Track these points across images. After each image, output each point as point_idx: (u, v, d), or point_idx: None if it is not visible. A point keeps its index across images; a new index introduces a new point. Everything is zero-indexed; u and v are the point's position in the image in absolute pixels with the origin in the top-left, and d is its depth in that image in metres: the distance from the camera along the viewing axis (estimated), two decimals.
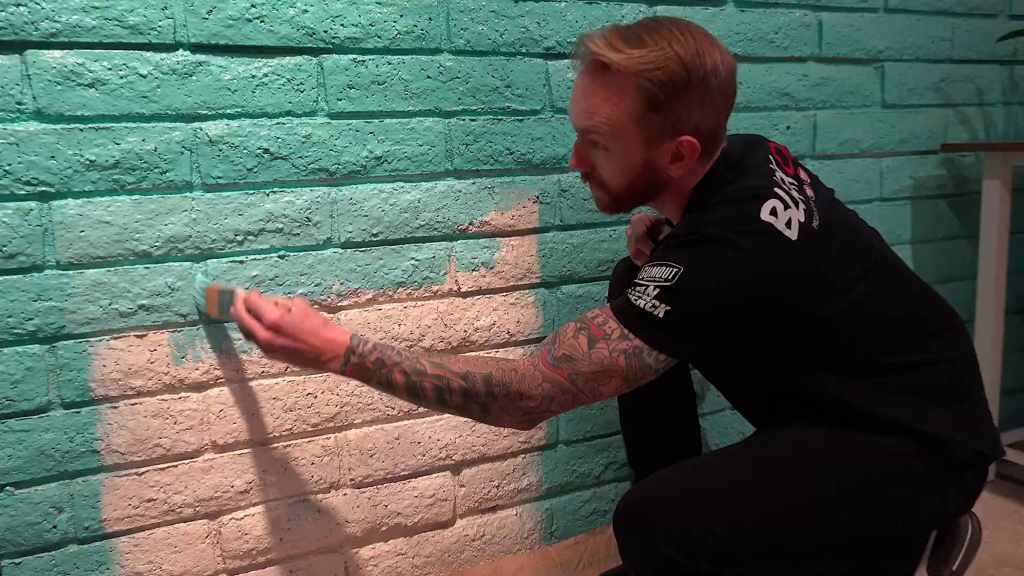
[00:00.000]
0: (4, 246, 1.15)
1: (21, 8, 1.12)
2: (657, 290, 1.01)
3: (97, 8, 1.16)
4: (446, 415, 1.46)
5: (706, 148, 1.08)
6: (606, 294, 1.55)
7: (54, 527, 1.22)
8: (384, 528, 1.44)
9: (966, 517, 1.23)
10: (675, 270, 1.00)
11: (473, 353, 1.05)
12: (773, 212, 1.03)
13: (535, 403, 1.04)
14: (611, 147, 1.09)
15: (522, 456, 1.55)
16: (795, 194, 1.08)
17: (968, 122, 1.94)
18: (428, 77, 1.38)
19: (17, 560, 1.21)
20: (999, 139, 1.98)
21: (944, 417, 1.11)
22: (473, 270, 1.46)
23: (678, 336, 1.03)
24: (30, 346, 1.18)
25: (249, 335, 1.12)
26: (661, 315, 1.00)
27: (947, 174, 1.93)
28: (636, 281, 1.04)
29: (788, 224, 1.03)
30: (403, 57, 1.36)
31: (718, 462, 1.14)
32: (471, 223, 1.44)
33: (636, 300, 1.02)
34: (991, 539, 1.59)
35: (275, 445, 1.35)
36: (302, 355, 1.10)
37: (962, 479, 1.14)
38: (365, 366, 1.08)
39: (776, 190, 1.05)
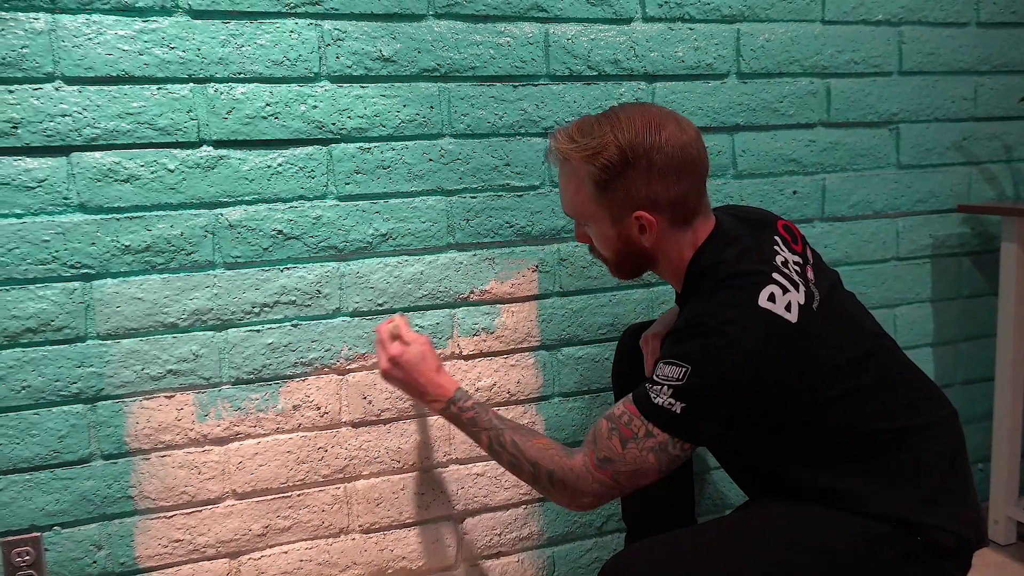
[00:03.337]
0: (52, 320, 1.33)
1: (67, 118, 1.30)
2: (671, 390, 1.09)
3: (131, 114, 1.33)
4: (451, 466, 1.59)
5: (675, 218, 1.18)
6: (606, 356, 1.64)
7: (94, 562, 1.40)
8: (390, 571, 1.57)
9: None
10: (683, 369, 1.08)
11: (545, 439, 1.21)
12: (771, 298, 1.09)
13: (588, 499, 1.16)
14: (589, 225, 1.24)
15: (524, 507, 1.65)
16: (796, 277, 1.14)
17: (995, 179, 1.92)
18: (430, 160, 1.50)
19: None
20: None
21: (929, 507, 1.14)
22: (474, 335, 1.57)
23: (696, 427, 1.10)
24: (74, 406, 1.37)
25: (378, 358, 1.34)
26: (678, 411, 1.08)
27: (970, 231, 1.92)
28: (654, 377, 1.12)
29: (788, 307, 1.10)
30: (406, 143, 1.48)
31: (697, 539, 1.19)
32: (472, 292, 1.56)
33: (655, 399, 1.10)
34: None
35: (289, 494, 1.50)
36: (410, 389, 1.31)
37: (942, 568, 1.15)
38: (460, 419, 1.27)
39: (775, 275, 1.12)
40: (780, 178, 1.74)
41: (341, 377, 1.50)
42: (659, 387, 1.10)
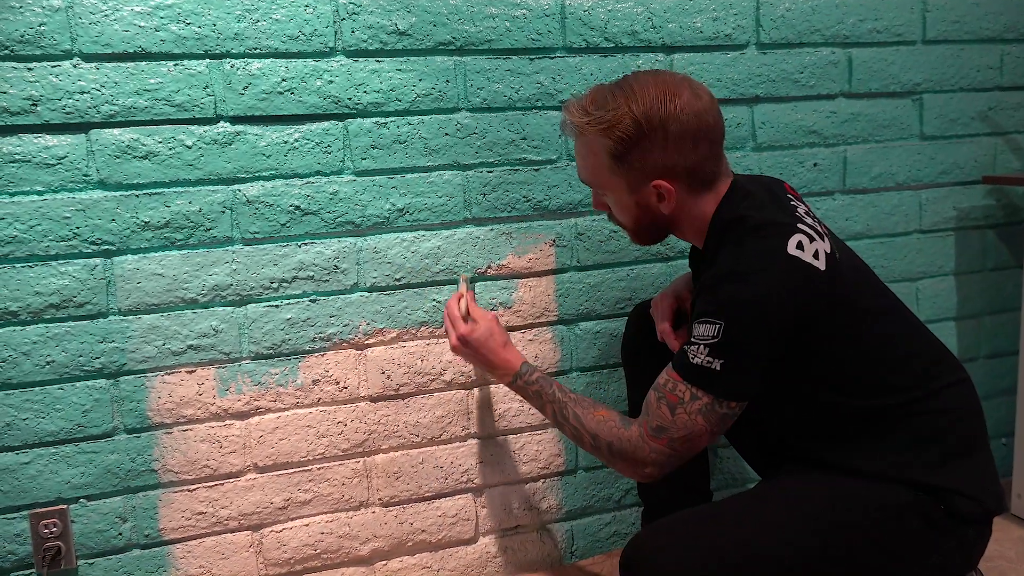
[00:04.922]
0: (75, 297, 1.35)
1: (85, 95, 1.31)
2: (707, 348, 1.09)
3: (148, 91, 1.34)
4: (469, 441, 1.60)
5: (692, 185, 1.18)
6: (622, 330, 1.63)
7: (120, 534, 1.43)
8: (410, 543, 1.59)
9: (972, 574, 1.24)
10: (717, 325, 1.08)
11: (606, 410, 1.22)
12: (799, 246, 1.10)
13: (650, 468, 1.17)
14: (607, 194, 1.26)
15: (542, 480, 1.66)
16: (819, 227, 1.15)
17: (1020, 150, 1.88)
18: (446, 134, 1.49)
19: (90, 561, 1.42)
20: None
21: (947, 471, 1.14)
22: (492, 309, 1.57)
23: (739, 382, 1.11)
24: (97, 381, 1.38)
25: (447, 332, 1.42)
26: (718, 368, 1.09)
27: (995, 203, 1.89)
28: (692, 339, 1.12)
29: (816, 255, 1.10)
30: (423, 117, 1.48)
31: (718, 516, 1.20)
32: (489, 266, 1.56)
33: (694, 359, 1.10)
34: None
35: (309, 467, 1.51)
36: (479, 364, 1.40)
37: (964, 535, 1.15)
38: (527, 391, 1.32)
39: (799, 225, 1.12)
40: (800, 150, 1.71)
41: (360, 352, 1.51)
42: (696, 347, 1.10)
